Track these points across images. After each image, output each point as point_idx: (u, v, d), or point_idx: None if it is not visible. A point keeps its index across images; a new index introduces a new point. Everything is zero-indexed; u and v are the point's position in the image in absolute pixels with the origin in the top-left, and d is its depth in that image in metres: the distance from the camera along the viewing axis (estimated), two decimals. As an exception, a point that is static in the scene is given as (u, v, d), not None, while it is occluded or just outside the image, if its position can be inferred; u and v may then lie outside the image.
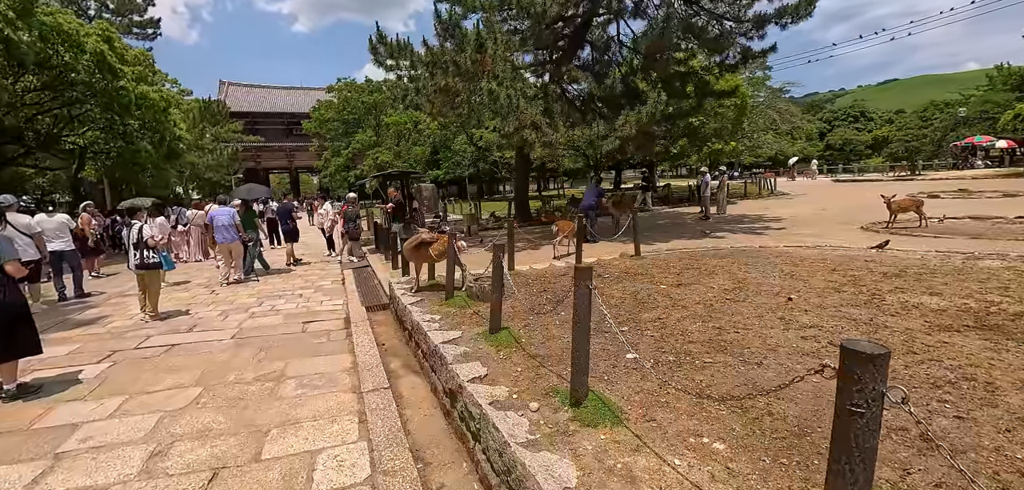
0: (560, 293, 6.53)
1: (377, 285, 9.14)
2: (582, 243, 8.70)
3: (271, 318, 6.96)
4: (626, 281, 7.10)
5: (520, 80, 11.21)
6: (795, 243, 10.51)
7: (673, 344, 4.22)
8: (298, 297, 8.29)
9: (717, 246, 10.65)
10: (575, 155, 25.24)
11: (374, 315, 7.29)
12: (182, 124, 20.67)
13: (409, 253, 6.60)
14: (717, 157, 21.92)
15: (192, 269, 12.34)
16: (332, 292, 8.70)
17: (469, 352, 4.15)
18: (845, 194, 23.83)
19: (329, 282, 9.69)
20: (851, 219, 14.45)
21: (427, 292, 6.70)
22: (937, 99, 65.50)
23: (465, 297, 6.06)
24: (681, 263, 8.43)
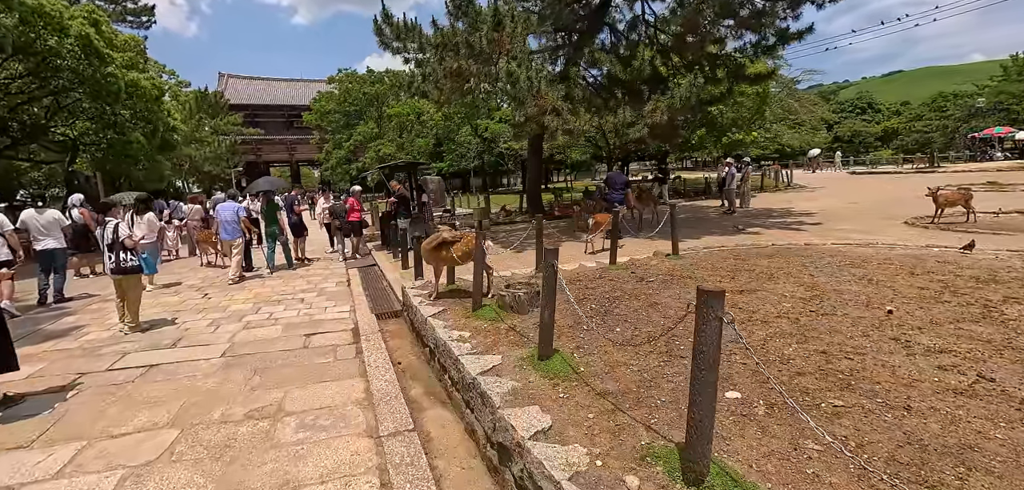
0: (603, 300, 5.63)
1: (387, 288, 8.24)
2: (616, 239, 7.78)
3: (268, 329, 6.06)
4: (674, 285, 6.19)
5: (538, 63, 10.25)
6: (842, 240, 9.64)
7: (777, 376, 3.31)
8: (299, 303, 7.40)
9: (756, 243, 9.74)
10: (584, 146, 24.25)
11: (385, 324, 6.40)
12: (177, 115, 19.73)
13: (428, 255, 5.70)
14: (735, 148, 20.95)
15: (184, 268, 11.45)
16: (337, 296, 7.80)
17: (518, 388, 3.25)
18: (868, 187, 22.88)
19: (333, 284, 8.80)
20: (888, 213, 13.56)
21: (447, 300, 5.80)
22: (943, 91, 64.45)
23: (495, 308, 5.15)
24: (728, 263, 7.53)
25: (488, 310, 5.08)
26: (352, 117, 40.90)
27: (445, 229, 5.69)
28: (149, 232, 9.20)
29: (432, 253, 5.67)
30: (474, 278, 5.10)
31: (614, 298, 5.66)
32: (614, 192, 11.42)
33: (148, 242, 9.19)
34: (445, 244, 5.63)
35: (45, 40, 13.48)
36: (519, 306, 4.98)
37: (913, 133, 54.19)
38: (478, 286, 5.09)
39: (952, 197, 11.76)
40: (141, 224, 9.17)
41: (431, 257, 5.71)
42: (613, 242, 7.76)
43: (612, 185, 11.42)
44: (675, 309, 5.07)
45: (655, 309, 5.13)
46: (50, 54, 13.80)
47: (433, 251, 5.66)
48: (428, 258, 5.75)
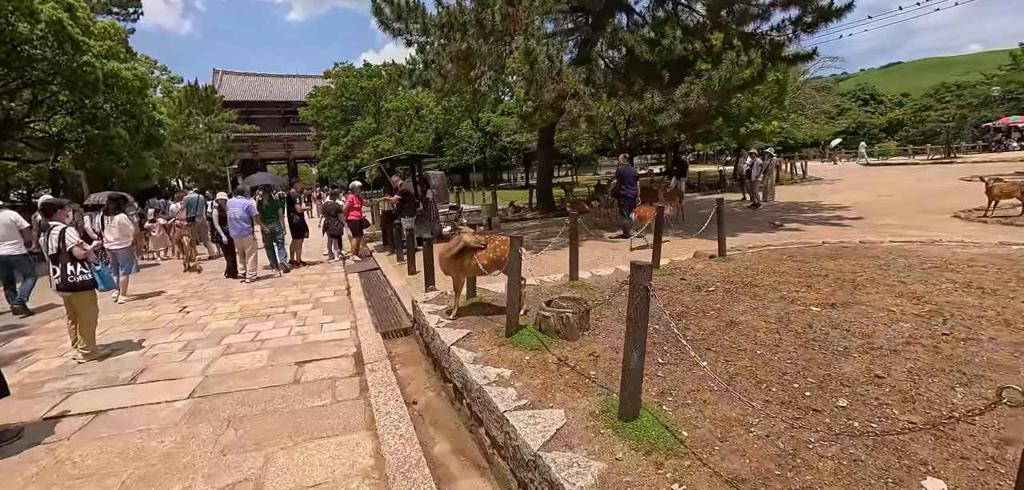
0: (664, 316, 4.58)
1: (392, 297, 7.17)
2: (660, 239, 6.73)
3: (252, 356, 5.00)
4: (742, 296, 5.16)
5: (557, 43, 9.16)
6: (898, 237, 8.64)
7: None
8: (291, 318, 6.33)
9: (805, 241, 8.71)
10: (593, 138, 23.17)
11: (393, 345, 5.34)
12: (163, 108, 18.57)
13: (447, 264, 4.64)
14: (753, 139, 19.87)
15: (168, 274, 10.36)
16: (335, 309, 6.74)
17: (605, 473, 2.19)
18: (889, 179, 21.85)
19: (331, 293, 7.73)
20: (927, 206, 12.58)
21: (470, 316, 4.74)
22: (940, 82, 63.68)
23: (534, 332, 4.10)
24: (789, 266, 6.51)
25: (527, 335, 4.02)
26: (349, 112, 39.75)
27: (467, 231, 4.63)
28: (122, 236, 8.14)
29: (452, 262, 4.61)
30: (508, 295, 4.04)
31: (678, 315, 4.61)
32: (628, 187, 10.35)
33: (122, 248, 8.12)
34: (468, 250, 4.57)
35: (14, 26, 12.33)
36: (566, 330, 3.92)
37: (919, 124, 53.31)
38: (514, 305, 4.03)
39: (1007, 188, 10.77)
40: (112, 226, 8.11)
41: (451, 266, 4.65)
42: (657, 243, 6.71)
43: (625, 180, 10.31)
44: (763, 331, 4.02)
45: (737, 331, 4.08)
46: (21, 41, 12.66)
47: (454, 260, 4.60)
48: (447, 267, 4.69)
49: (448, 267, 4.68)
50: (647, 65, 10.25)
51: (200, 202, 12.35)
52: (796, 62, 10.20)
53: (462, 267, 4.63)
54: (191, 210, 11.72)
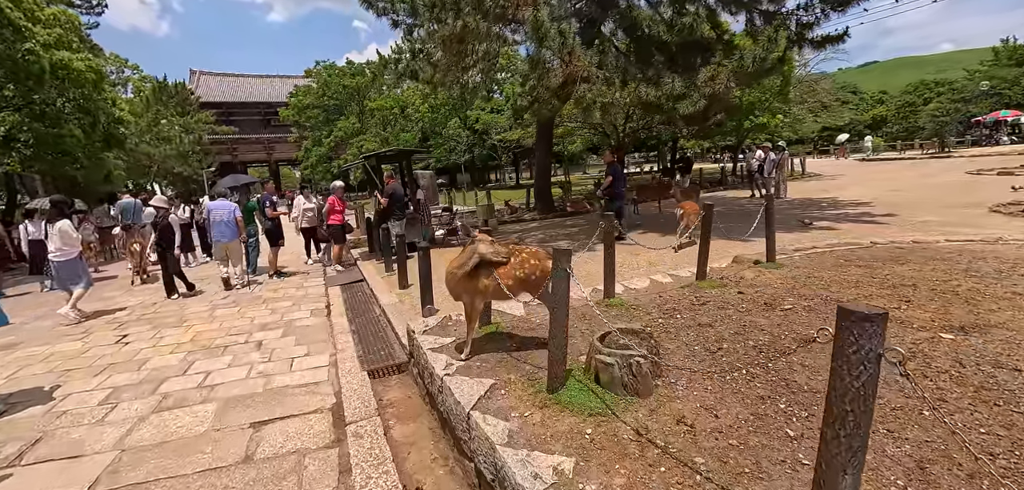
0: (745, 351, 3.45)
1: (381, 318, 5.93)
2: (708, 243, 5.62)
3: (194, 413, 3.73)
4: (831, 317, 4.00)
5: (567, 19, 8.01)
6: (952, 236, 7.72)
7: None
8: (254, 350, 5.05)
9: (853, 242, 7.72)
10: (589, 133, 22.13)
11: (384, 387, 4.12)
12: (124, 105, 16.97)
13: (458, 285, 3.45)
14: (757, 133, 19.04)
15: (122, 288, 8.94)
16: (311, 335, 5.48)
17: None
18: (891, 174, 21.20)
19: (307, 313, 6.45)
20: (953, 201, 11.82)
21: (486, 356, 3.55)
22: (915, 80, 64.55)
23: (586, 384, 2.92)
24: (859, 274, 5.49)
25: (577, 389, 2.84)
26: (332, 112, 38.19)
27: (482, 239, 3.42)
28: (65, 245, 6.81)
29: (465, 283, 3.42)
30: (552, 334, 2.84)
31: (767, 350, 3.48)
32: (619, 185, 9.39)
33: (65, 259, 6.79)
34: (486, 266, 3.38)
35: (-60, 8, 10.79)
36: (639, 381, 2.76)
37: (903, 120, 53.65)
38: (560, 348, 2.83)
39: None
40: (54, 235, 6.78)
41: (463, 288, 3.45)
42: (704, 249, 5.59)
43: (617, 178, 9.36)
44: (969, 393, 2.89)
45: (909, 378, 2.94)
46: (-52, 26, 11.11)
47: (467, 280, 3.40)
48: (457, 289, 3.50)
49: (459, 289, 3.48)
50: (662, 47, 9.17)
51: (136, 207, 10.82)
52: (825, 45, 9.21)
53: (478, 289, 3.43)
54: (126, 216, 10.15)
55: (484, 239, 3.41)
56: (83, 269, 7.14)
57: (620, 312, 4.55)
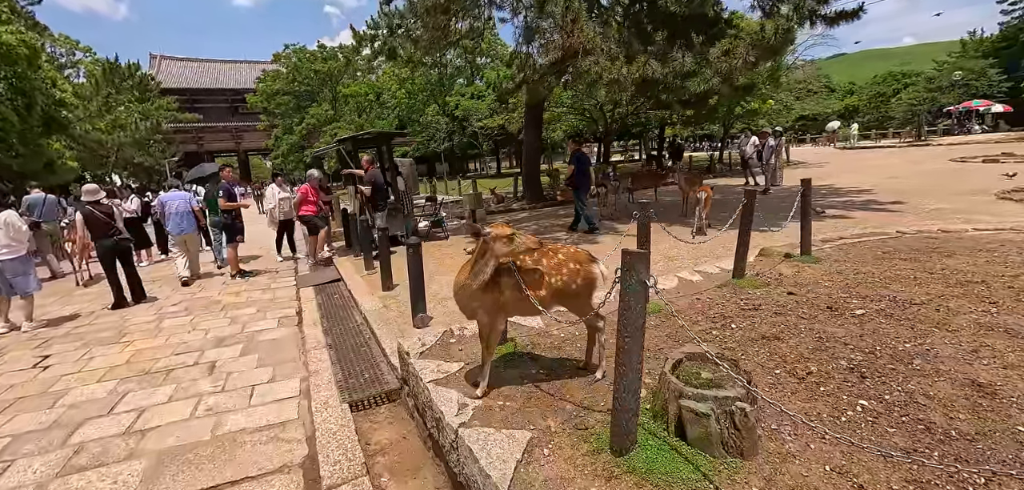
0: (841, 375, 2.69)
1: (362, 327, 5.00)
2: (748, 235, 4.88)
3: (113, 476, 2.78)
4: (914, 322, 3.35)
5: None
6: (979, 225, 7.27)
7: None
8: (205, 376, 4.07)
9: (875, 232, 7.16)
10: (576, 119, 21.34)
11: (371, 424, 3.23)
12: (66, 86, 15.31)
13: (471, 299, 2.56)
14: (749, 119, 18.59)
15: (52, 298, 7.71)
16: (277, 353, 4.51)
17: None
18: (878, 161, 21.10)
19: (273, 322, 5.46)
20: (952, 188, 11.57)
21: (508, 390, 2.70)
22: (881, 71, 66.26)
23: (663, 437, 2.09)
24: (906, 268, 4.84)
25: (656, 450, 2.01)
26: (303, 98, 36.31)
27: (499, 232, 2.52)
28: (12, 240, 5.68)
29: (481, 296, 2.53)
30: (619, 376, 1.98)
31: (880, 377, 2.72)
32: (583, 176, 8.79)
33: (12, 258, 5.67)
34: (508, 274, 2.51)
35: None
36: (742, 436, 1.95)
37: (874, 109, 54.77)
38: (631, 394, 1.98)
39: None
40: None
41: (480, 303, 2.56)
42: (743, 241, 4.85)
43: (580, 168, 8.70)
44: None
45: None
46: None
47: (484, 292, 2.52)
48: (471, 305, 2.60)
49: (474, 306, 2.59)
50: (668, 19, 8.37)
51: (48, 203, 9.33)
52: (838, 20, 8.55)
53: (499, 305, 2.55)
54: (34, 213, 8.69)
55: (501, 232, 2.51)
56: (30, 269, 5.97)
57: (660, 321, 3.75)
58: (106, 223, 6.33)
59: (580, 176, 8.62)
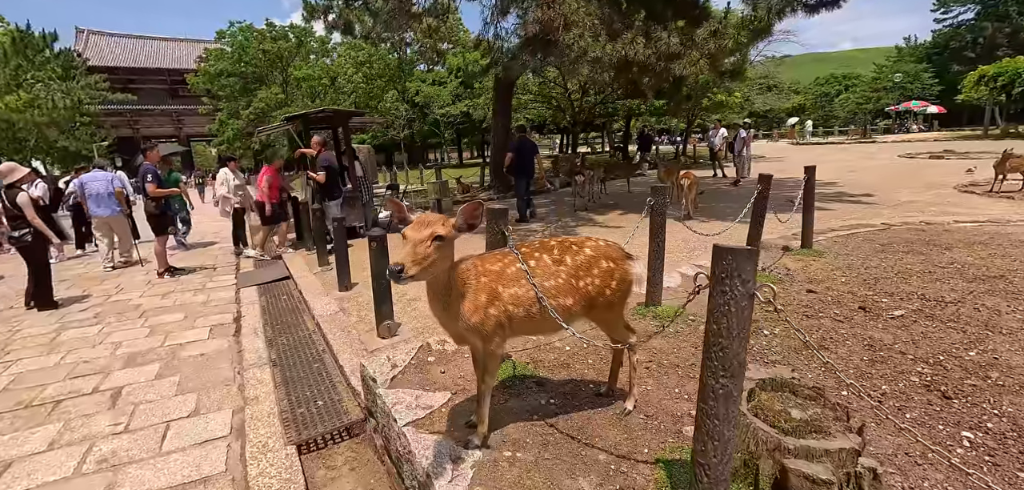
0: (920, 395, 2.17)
1: (314, 337, 4.16)
2: (760, 228, 4.39)
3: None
4: (962, 325, 2.95)
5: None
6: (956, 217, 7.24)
7: None
8: (105, 408, 3.15)
9: (868, 224, 6.96)
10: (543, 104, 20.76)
11: (328, 475, 2.45)
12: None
13: (458, 321, 1.80)
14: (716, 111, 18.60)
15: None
16: (205, 372, 3.63)
17: None
18: (833, 157, 21.77)
19: (204, 332, 4.52)
20: (912, 182, 11.79)
21: (516, 429, 2.01)
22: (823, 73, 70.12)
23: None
24: (916, 263, 4.56)
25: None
26: (251, 81, 33.84)
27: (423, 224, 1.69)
28: None
29: (475, 311, 1.80)
30: (707, 434, 1.34)
31: (967, 399, 2.23)
32: (524, 161, 8.59)
33: None
34: (515, 282, 1.82)
35: None
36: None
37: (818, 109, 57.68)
38: (721, 459, 1.34)
39: (1017, 163, 10.02)
40: None
41: (480, 323, 1.82)
42: (755, 232, 4.35)
43: (522, 154, 8.43)
44: None
45: None
46: None
47: (478, 307, 1.79)
48: (462, 327, 1.86)
49: (461, 326, 1.84)
50: (649, 0, 7.85)
51: None
52: (818, 9, 8.31)
53: (501, 324, 1.83)
54: None
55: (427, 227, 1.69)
56: None
57: (680, 328, 3.17)
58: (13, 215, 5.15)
59: (520, 163, 8.45)
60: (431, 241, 1.60)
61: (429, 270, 1.63)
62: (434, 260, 1.62)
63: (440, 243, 1.62)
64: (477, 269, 1.83)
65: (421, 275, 1.60)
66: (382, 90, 31.78)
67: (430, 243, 1.60)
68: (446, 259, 1.70)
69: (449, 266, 1.74)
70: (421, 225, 1.63)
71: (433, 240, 1.60)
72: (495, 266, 1.86)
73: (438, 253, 1.62)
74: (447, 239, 1.65)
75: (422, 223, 1.64)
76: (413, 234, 1.61)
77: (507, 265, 1.87)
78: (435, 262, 1.63)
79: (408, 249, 1.58)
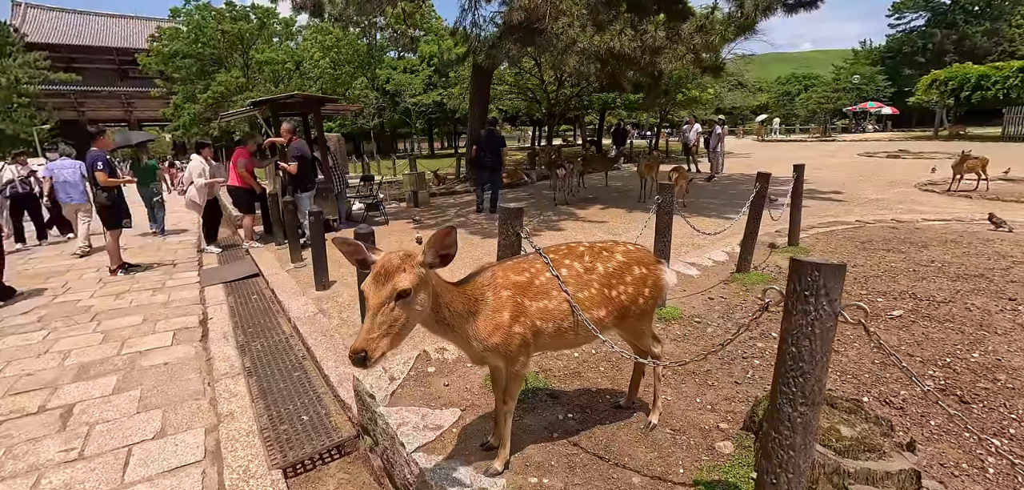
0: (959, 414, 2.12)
1: (292, 340, 3.86)
2: (758, 225, 4.35)
3: None
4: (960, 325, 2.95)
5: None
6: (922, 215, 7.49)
7: None
8: (53, 431, 2.78)
9: (842, 221, 7.13)
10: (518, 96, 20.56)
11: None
12: None
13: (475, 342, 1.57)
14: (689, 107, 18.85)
15: None
16: (171, 383, 3.30)
17: None
18: (798, 154, 22.53)
19: (167, 336, 4.13)
20: (874, 180, 12.20)
21: (533, 452, 1.83)
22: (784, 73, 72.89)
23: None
24: (899, 261, 4.65)
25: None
26: (209, 63, 32.06)
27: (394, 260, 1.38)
28: None
29: (498, 331, 1.59)
30: (766, 463, 1.20)
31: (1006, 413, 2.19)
32: (485, 155, 8.53)
33: None
34: (543, 295, 1.63)
35: None
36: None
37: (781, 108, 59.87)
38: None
39: (973, 164, 10.57)
40: None
41: (503, 342, 1.61)
42: (751, 231, 4.31)
43: (486, 148, 8.42)
44: None
45: None
46: None
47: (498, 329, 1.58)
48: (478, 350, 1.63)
49: (494, 348, 1.61)
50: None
51: None
52: (797, 9, 8.42)
53: (527, 341, 1.63)
54: None
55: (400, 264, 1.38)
56: None
57: (687, 331, 3.06)
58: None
59: (485, 156, 8.47)
60: (395, 302, 1.30)
61: (402, 334, 1.35)
62: (405, 320, 1.33)
63: (405, 299, 1.32)
64: (496, 281, 1.63)
65: (393, 346, 1.32)
66: (351, 76, 30.74)
67: (393, 305, 1.30)
68: (420, 310, 1.39)
69: (434, 306, 1.46)
70: (380, 279, 1.32)
71: (396, 299, 1.31)
72: (520, 277, 1.66)
73: (408, 310, 1.34)
74: (415, 287, 1.34)
75: (380, 278, 1.32)
76: (372, 298, 1.30)
77: (535, 275, 1.67)
78: (407, 322, 1.34)
79: (366, 324, 1.29)
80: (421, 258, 1.38)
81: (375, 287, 1.31)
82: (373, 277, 1.33)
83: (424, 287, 1.39)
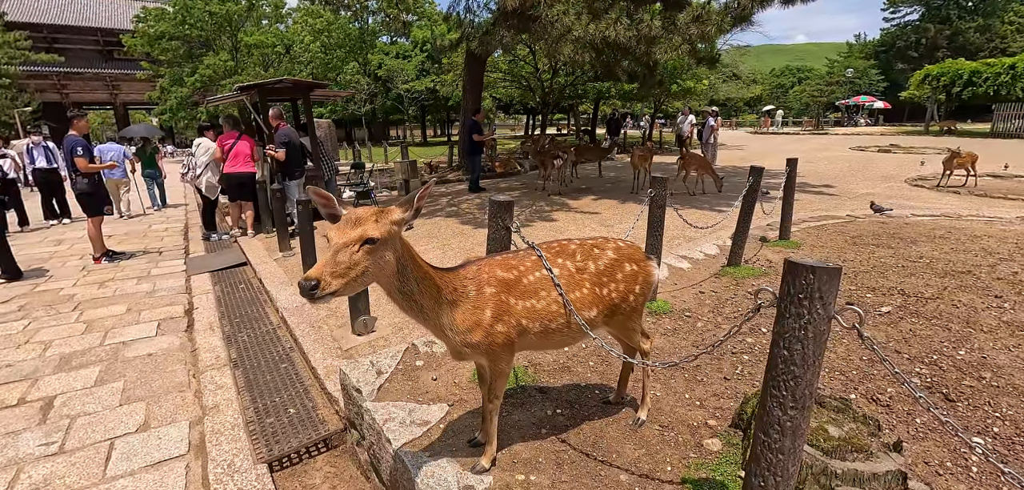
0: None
1: (278, 332, 3.81)
2: (750, 219, 4.35)
3: None
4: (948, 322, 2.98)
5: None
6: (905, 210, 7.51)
7: None
8: (33, 424, 2.73)
9: (832, 215, 7.17)
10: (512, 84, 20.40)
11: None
12: None
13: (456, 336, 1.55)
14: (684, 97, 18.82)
15: None
16: (155, 374, 3.26)
17: None
18: (792, 147, 22.64)
19: (152, 327, 4.07)
20: (865, 174, 12.35)
21: (522, 449, 1.82)
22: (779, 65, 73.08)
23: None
24: (888, 257, 4.72)
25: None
26: (196, 45, 31.40)
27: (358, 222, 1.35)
28: None
29: (482, 325, 1.57)
30: (757, 465, 1.19)
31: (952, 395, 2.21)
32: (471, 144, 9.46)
33: None
34: (532, 293, 1.60)
35: None
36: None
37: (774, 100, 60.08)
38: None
39: (963, 159, 10.68)
40: None
41: (488, 340, 1.58)
42: (744, 225, 4.31)
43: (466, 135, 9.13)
44: None
45: None
46: None
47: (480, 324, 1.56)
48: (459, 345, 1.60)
49: (474, 346, 1.58)
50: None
51: None
52: (793, 1, 8.39)
53: (512, 340, 1.61)
54: None
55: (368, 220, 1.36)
56: None
57: (677, 325, 3.06)
58: None
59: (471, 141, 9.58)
60: (359, 246, 1.28)
61: (357, 282, 1.32)
62: (364, 269, 1.31)
63: (371, 247, 1.30)
64: (482, 276, 1.59)
65: (345, 290, 1.29)
66: (342, 61, 30.26)
67: (358, 248, 1.28)
68: (385, 266, 1.37)
69: (399, 271, 1.42)
70: (348, 225, 1.30)
71: (362, 245, 1.29)
72: (507, 273, 1.63)
73: (371, 260, 1.31)
74: (383, 240, 1.32)
75: (350, 222, 1.31)
76: (337, 237, 1.29)
77: (524, 273, 1.64)
78: (366, 271, 1.32)
79: (328, 256, 1.27)
80: (395, 216, 1.36)
81: (342, 230, 1.30)
82: (342, 221, 1.32)
83: (391, 245, 1.37)
